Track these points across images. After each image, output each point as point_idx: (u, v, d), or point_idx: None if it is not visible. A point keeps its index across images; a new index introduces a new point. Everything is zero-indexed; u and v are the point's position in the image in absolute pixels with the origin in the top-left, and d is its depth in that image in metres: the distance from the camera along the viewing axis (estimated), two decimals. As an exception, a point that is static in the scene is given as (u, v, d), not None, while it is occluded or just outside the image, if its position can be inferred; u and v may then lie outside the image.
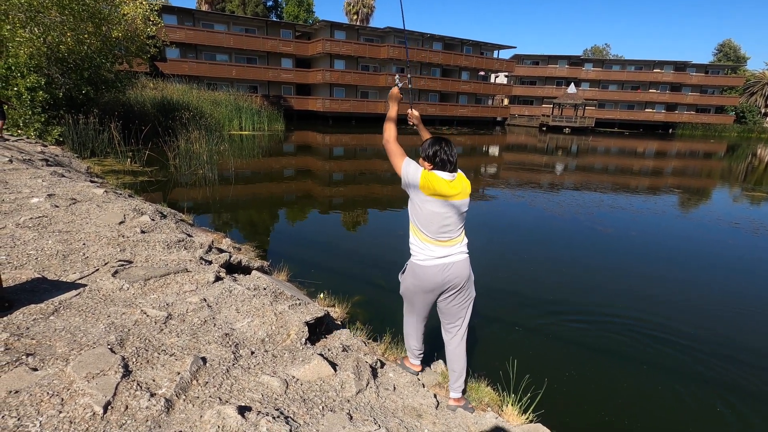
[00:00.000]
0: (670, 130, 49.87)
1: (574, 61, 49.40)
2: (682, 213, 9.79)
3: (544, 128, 42.01)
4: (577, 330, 3.93)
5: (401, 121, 2.58)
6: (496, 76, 47.40)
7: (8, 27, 10.50)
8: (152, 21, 14.62)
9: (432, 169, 2.26)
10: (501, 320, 4.02)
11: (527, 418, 2.40)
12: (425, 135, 2.61)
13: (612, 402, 2.93)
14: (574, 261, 5.93)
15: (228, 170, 11.22)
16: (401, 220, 8.08)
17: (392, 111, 2.47)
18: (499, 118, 44.35)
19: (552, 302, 4.46)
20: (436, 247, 2.33)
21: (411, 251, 2.41)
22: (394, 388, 2.27)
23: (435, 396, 2.32)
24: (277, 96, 32.67)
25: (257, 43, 31.73)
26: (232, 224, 6.94)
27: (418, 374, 2.69)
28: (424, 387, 2.42)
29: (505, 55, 64.66)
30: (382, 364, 2.52)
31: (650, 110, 50.08)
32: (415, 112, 2.67)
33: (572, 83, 43.39)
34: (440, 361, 2.96)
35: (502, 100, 48.04)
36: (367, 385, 2.15)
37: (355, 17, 44.91)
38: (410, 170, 2.25)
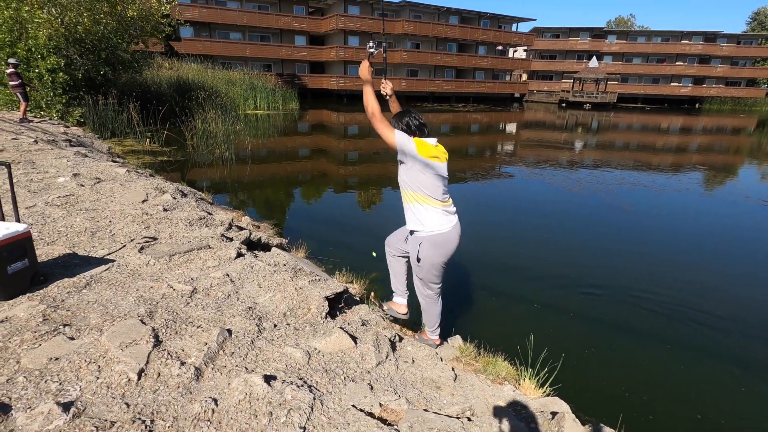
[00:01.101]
0: (697, 105, 47.90)
1: (597, 34, 47.43)
2: (707, 191, 9.50)
3: (564, 104, 40.83)
4: (597, 307, 3.91)
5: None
6: (515, 51, 45.90)
7: (26, 8, 10.59)
8: (166, -1, 14.54)
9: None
10: (519, 297, 4.03)
11: (544, 392, 2.43)
12: (396, 108, 2.61)
13: (632, 378, 2.94)
14: (594, 238, 5.85)
15: (244, 150, 11.30)
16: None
17: (368, 88, 2.36)
18: (517, 94, 43.26)
19: (571, 279, 4.44)
20: (447, 209, 2.45)
21: (422, 224, 2.41)
22: (413, 361, 2.32)
23: (453, 369, 2.36)
24: (291, 74, 32.42)
25: (270, 20, 31.32)
26: (250, 203, 7.03)
27: (437, 347, 2.74)
28: (441, 360, 2.47)
29: (524, 28, 62.22)
30: (400, 338, 2.57)
31: (676, 84, 48.07)
32: (389, 84, 2.67)
33: (594, 57, 41.81)
34: (457, 336, 3.00)
35: (521, 76, 46.68)
36: (386, 358, 2.20)
37: (369, -9, 43.71)
38: (404, 139, 2.28)
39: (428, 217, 2.41)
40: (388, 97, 2.69)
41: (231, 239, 3.52)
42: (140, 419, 1.50)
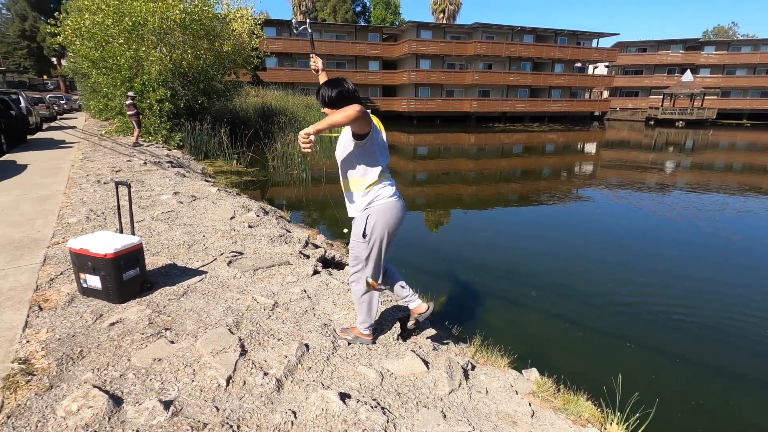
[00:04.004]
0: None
1: (692, 45, 43.46)
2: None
3: (652, 122, 37.68)
4: (705, 350, 3.48)
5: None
6: (595, 67, 43.60)
7: (143, 48, 12.28)
8: (256, 34, 16.04)
9: None
10: (606, 332, 3.71)
11: (635, 440, 2.20)
12: (324, 80, 2.42)
13: (741, 435, 2.55)
14: (696, 271, 5.25)
15: (319, 170, 11.88)
16: (486, 220, 7.86)
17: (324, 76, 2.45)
18: (597, 113, 40.79)
19: (669, 315, 4.01)
20: (391, 181, 2.26)
21: (373, 197, 2.17)
22: (487, 391, 2.23)
23: (530, 404, 2.23)
24: (364, 98, 33.74)
25: (346, 48, 33.10)
26: (324, 221, 7.34)
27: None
28: (517, 394, 2.34)
29: (606, 43, 59.05)
30: (473, 366, 2.49)
31: (792, 97, 42.19)
32: (319, 59, 2.70)
33: (688, 70, 38.29)
34: (534, 369, 2.83)
35: (601, 93, 44.09)
36: (459, 386, 2.14)
37: (441, 15, 44.56)
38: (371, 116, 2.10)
39: (378, 189, 2.19)
40: (318, 72, 2.67)
41: (308, 256, 3.69)
42: (228, 424, 1.61)
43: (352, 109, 1.85)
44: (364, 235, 2.18)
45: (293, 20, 2.89)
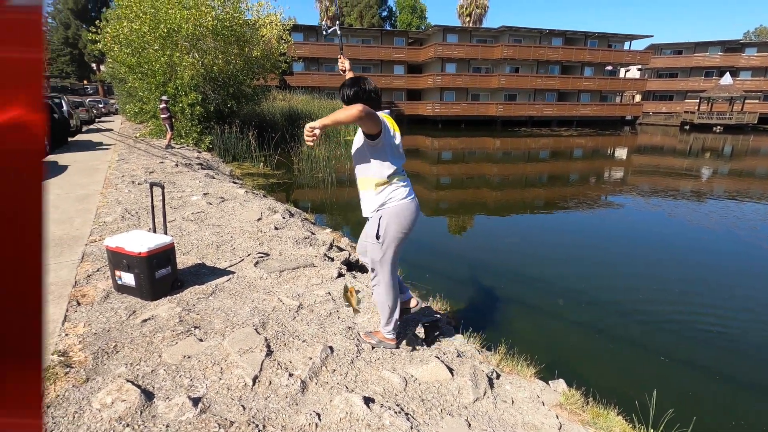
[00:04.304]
0: None
1: (731, 47, 41.63)
2: None
3: (687, 126, 36.25)
4: (740, 367, 3.30)
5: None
6: (627, 70, 42.33)
7: (177, 54, 12.72)
8: (284, 39, 16.38)
9: None
10: (638, 344, 3.58)
11: (669, 460, 2.10)
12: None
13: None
14: (734, 284, 5.00)
15: (344, 173, 11.98)
16: (511, 226, 7.72)
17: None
18: (628, 117, 39.59)
19: (707, 332, 3.83)
20: (406, 182, 2.27)
21: (385, 198, 2.17)
22: (513, 401, 2.18)
23: (557, 417, 2.17)
24: (388, 102, 33.88)
25: (372, 52, 33.34)
26: (347, 224, 7.38)
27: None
28: (544, 405, 2.28)
29: (638, 46, 57.36)
30: (498, 375, 2.44)
31: (842, 101, 39.76)
32: (346, 60, 2.71)
33: (727, 73, 36.68)
34: (561, 380, 2.75)
35: (633, 97, 42.77)
36: (484, 394, 2.11)
37: (467, 19, 44.31)
38: (381, 117, 2.12)
39: (390, 190, 2.20)
40: (345, 72, 2.66)
41: (332, 259, 3.72)
42: (254, 423, 1.63)
43: (355, 109, 1.89)
44: (377, 237, 2.20)
45: (323, 23, 2.95)
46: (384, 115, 2.22)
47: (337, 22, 2.99)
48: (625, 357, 3.41)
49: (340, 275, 3.29)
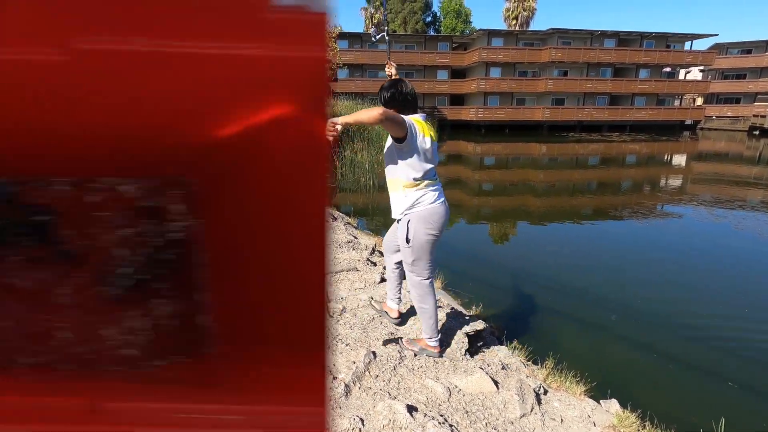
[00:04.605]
0: None
1: (809, 44, 38.02)
2: None
3: (757, 131, 33.43)
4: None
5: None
6: (687, 72, 39.71)
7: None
8: (330, 47, 16.80)
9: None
10: (703, 368, 3.31)
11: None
12: None
13: None
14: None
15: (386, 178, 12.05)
16: (557, 235, 7.43)
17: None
18: (688, 121, 37.10)
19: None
20: (437, 186, 2.31)
21: (413, 201, 2.23)
22: (562, 420, 2.09)
23: (610, 439, 2.05)
24: (431, 107, 33.77)
25: (415, 57, 33.39)
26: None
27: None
28: (595, 426, 2.16)
29: (701, 45, 53.65)
30: (545, 391, 2.34)
31: None
32: (393, 65, 2.69)
33: (804, 73, 33.51)
34: (614, 400, 2.60)
35: (694, 100, 40.04)
36: (531, 410, 2.03)
37: (514, 22, 43.41)
38: (409, 121, 2.13)
39: (418, 195, 2.25)
40: (392, 77, 2.60)
41: (375, 264, 3.74)
42: (299, 424, 1.66)
43: (375, 111, 1.95)
44: (407, 241, 2.24)
45: (372, 29, 3.00)
46: (415, 118, 2.25)
47: (385, 29, 3.03)
48: (687, 380, 3.16)
49: (383, 280, 3.29)
